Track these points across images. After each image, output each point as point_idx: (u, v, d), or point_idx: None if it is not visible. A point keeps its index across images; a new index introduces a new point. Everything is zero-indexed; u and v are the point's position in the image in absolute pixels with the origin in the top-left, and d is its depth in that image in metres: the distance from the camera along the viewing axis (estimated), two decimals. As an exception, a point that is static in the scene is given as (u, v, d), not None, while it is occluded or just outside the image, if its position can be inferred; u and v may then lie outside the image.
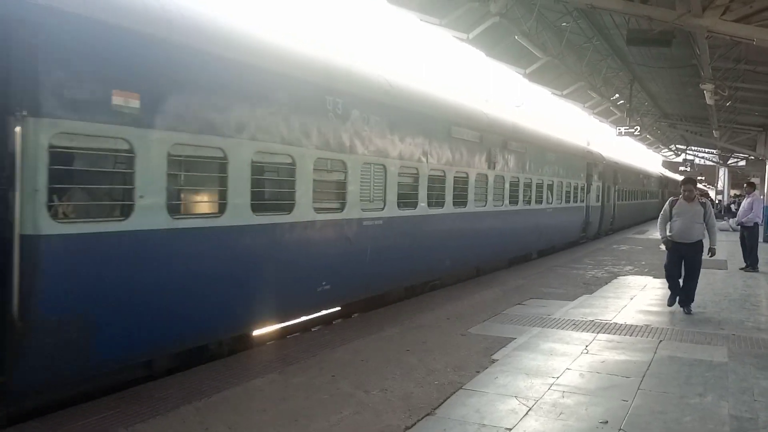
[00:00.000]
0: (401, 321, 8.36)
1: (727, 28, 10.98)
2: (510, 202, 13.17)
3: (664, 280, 9.94)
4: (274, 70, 6.43)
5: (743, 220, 14.80)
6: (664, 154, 54.22)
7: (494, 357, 6.72)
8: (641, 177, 33.86)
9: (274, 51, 6.65)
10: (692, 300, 9.43)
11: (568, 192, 17.74)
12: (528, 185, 14.30)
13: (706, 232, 9.41)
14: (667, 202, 9.56)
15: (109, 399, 5.26)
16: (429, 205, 9.66)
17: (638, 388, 5.73)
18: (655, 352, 7.03)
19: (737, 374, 6.23)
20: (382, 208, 8.43)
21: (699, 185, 67.69)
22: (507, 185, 12.90)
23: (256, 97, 6.15)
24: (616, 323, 8.54)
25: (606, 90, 24.41)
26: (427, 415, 5.00)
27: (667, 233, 9.38)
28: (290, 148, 6.59)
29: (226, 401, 5.19)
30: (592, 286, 11.85)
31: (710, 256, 9.43)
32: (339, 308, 9.11)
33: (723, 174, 48.43)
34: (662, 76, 22.40)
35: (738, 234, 15.82)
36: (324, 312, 8.73)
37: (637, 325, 8.41)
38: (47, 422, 4.72)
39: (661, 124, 34.84)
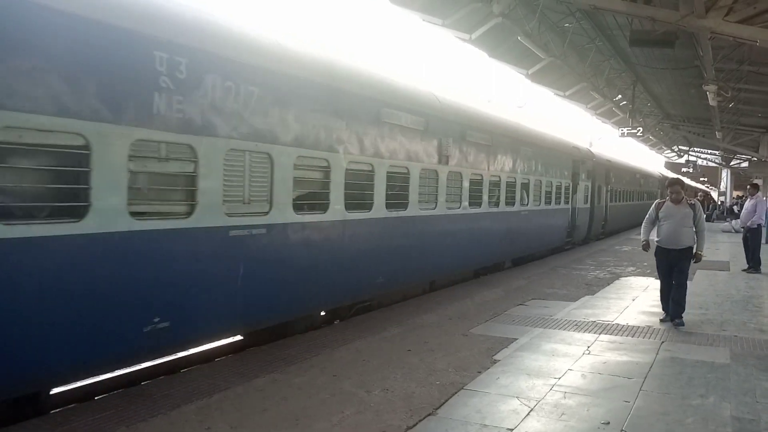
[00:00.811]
0: (403, 321, 8.36)
1: (731, 29, 10.98)
2: (471, 204, 11.11)
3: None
4: (41, 3, 4.33)
5: (748, 223, 14.72)
6: (667, 155, 54.20)
7: (496, 357, 6.71)
8: (638, 177, 31.72)
9: None
10: (683, 309, 8.57)
11: (548, 192, 15.64)
12: (496, 184, 12.25)
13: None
14: (653, 205, 8.85)
15: (110, 398, 5.27)
16: (348, 207, 7.61)
17: (640, 389, 5.72)
18: (657, 353, 7.02)
19: (739, 376, 6.21)
20: (267, 213, 6.34)
21: (702, 186, 67.01)
22: (466, 184, 10.82)
23: (4, 45, 4.14)
24: (618, 324, 8.52)
25: (609, 91, 24.42)
26: (429, 415, 5.00)
27: (654, 238, 8.76)
28: (82, 125, 4.54)
29: (228, 400, 5.19)
30: (594, 287, 11.84)
31: (695, 262, 8.62)
32: (241, 337, 7.42)
33: (726, 175, 48.31)
34: (665, 78, 22.40)
35: (741, 235, 15.78)
36: (172, 357, 6.75)
37: (639, 326, 8.39)
38: (48, 421, 4.73)
39: (663, 126, 34.85)
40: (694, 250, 8.57)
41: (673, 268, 8.62)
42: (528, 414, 5.05)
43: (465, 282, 12.10)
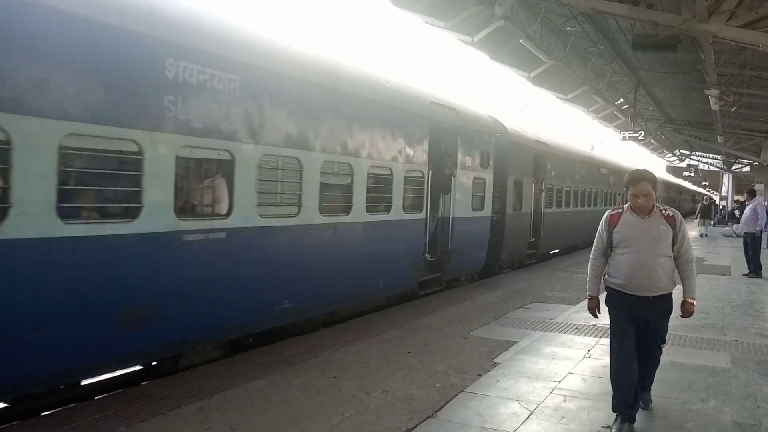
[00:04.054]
0: (403, 323, 8.35)
1: (733, 33, 10.98)
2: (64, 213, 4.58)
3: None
4: None
5: (756, 229, 14.76)
6: (669, 159, 54.23)
7: (496, 360, 6.71)
8: (604, 172, 23.08)
9: None
10: (651, 381, 5.27)
11: (346, 187, 7.91)
12: (158, 168, 5.27)
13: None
14: (603, 219, 4.99)
15: (110, 398, 5.27)
16: None
17: (640, 393, 5.70)
18: (657, 358, 7.00)
19: (740, 380, 6.20)
20: None
21: (704, 190, 66.17)
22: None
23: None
24: (619, 328, 8.50)
25: (610, 94, 24.42)
26: (429, 417, 4.99)
27: (607, 277, 5.01)
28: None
29: (228, 401, 5.19)
30: (594, 291, 11.80)
31: (682, 316, 4.91)
32: None
33: (727, 180, 48.31)
34: (667, 81, 22.40)
35: (741, 240, 15.83)
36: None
37: (639, 330, 8.38)
38: (48, 420, 4.73)
39: (665, 129, 34.83)
40: (683, 296, 4.91)
41: (639, 329, 4.91)
42: (528, 417, 5.04)
43: (462, 286, 11.98)
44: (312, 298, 7.45)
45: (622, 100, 26.61)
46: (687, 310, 4.90)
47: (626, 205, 4.91)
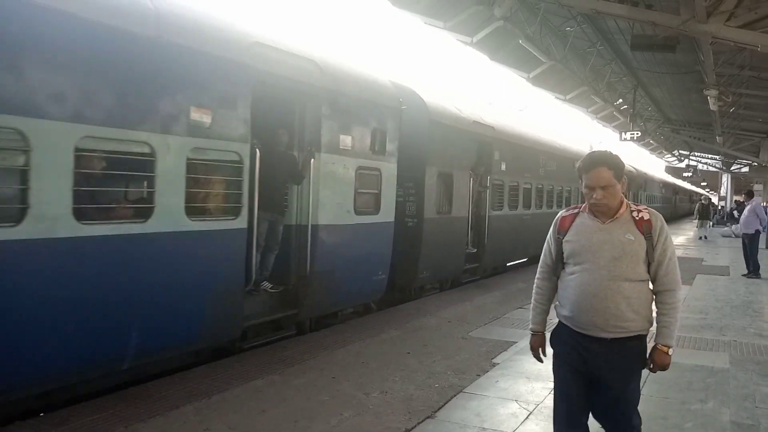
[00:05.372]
0: (402, 324, 8.35)
1: (732, 34, 11.01)
2: None
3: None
4: None
5: (753, 230, 14.82)
6: (667, 159, 54.30)
7: (495, 360, 6.71)
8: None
9: None
10: None
11: (14, 174, 4.20)
12: None
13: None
14: (553, 225, 3.53)
15: (108, 398, 5.25)
16: None
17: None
18: (656, 358, 7.01)
19: (739, 381, 6.20)
20: None
21: (699, 189, 65.47)
22: None
23: None
24: (618, 328, 8.50)
25: (609, 95, 24.46)
26: (428, 417, 4.99)
27: (557, 304, 3.62)
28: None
29: (227, 402, 5.19)
30: (593, 291, 11.80)
31: (652, 369, 3.47)
32: None
33: (726, 180, 48.35)
34: (666, 82, 22.44)
35: (740, 240, 15.87)
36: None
37: (638, 331, 8.38)
38: (46, 421, 4.72)
39: (664, 130, 34.89)
40: (654, 341, 3.49)
41: (597, 385, 3.36)
42: (527, 417, 5.04)
43: (463, 285, 12.05)
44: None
45: (621, 100, 26.66)
46: (658, 362, 3.41)
47: (582, 206, 3.43)
